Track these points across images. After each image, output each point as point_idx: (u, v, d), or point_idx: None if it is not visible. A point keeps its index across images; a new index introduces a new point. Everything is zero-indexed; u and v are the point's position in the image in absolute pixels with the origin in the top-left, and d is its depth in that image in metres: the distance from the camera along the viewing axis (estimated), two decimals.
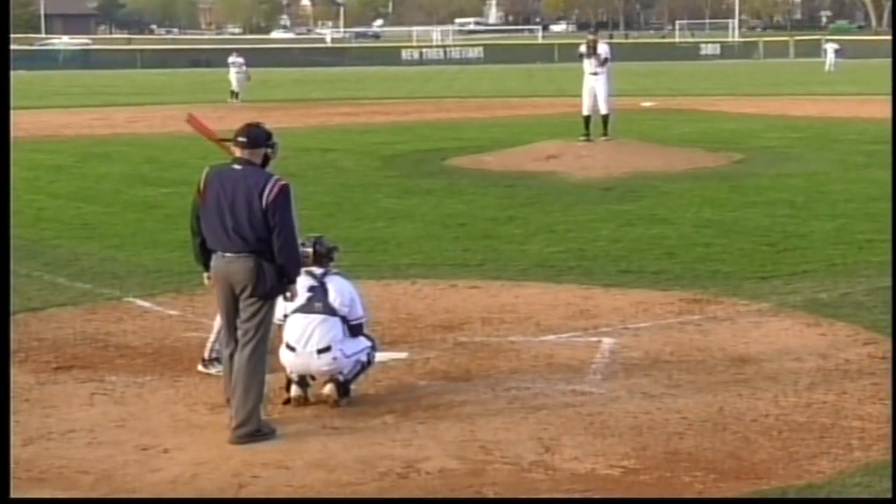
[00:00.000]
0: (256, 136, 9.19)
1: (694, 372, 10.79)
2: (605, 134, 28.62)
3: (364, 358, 9.99)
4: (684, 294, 13.86)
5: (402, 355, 11.35)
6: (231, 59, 52.29)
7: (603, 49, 28.97)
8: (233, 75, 51.51)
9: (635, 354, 11.38)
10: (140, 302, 13.86)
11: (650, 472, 8.42)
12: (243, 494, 8.14)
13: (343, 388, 9.82)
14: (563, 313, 13.05)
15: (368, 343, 10.11)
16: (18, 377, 10.79)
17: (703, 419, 9.48)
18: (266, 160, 9.18)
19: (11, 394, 10.22)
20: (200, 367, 10.80)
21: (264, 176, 9.02)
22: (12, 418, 9.63)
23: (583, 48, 29.19)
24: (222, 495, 8.13)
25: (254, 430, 8.99)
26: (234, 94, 50.82)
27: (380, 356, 10.52)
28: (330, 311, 9.83)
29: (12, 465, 8.59)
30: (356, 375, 9.92)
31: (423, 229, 18.69)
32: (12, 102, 51.63)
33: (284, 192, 8.94)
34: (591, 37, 29.84)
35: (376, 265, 15.67)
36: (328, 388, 9.77)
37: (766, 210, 20.17)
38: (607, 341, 11.83)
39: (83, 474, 8.47)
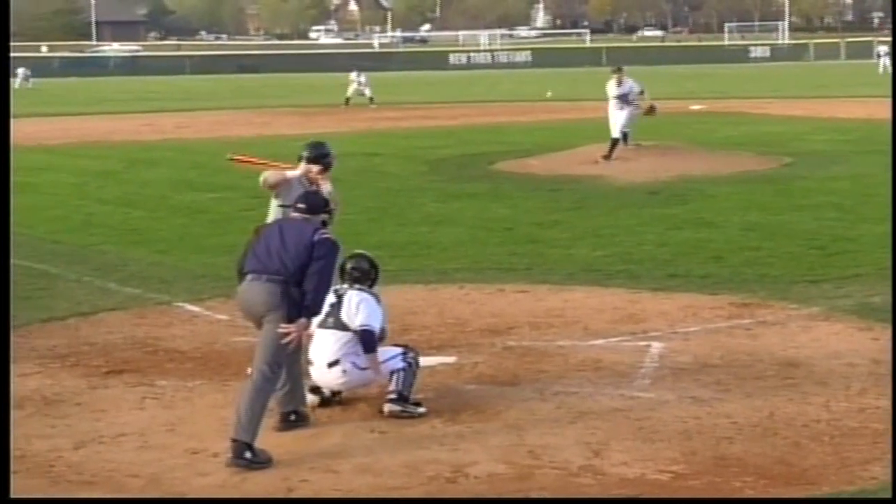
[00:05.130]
0: (315, 204, 9.49)
1: (743, 376, 10.73)
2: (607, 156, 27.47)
3: (400, 365, 9.88)
4: (733, 298, 13.78)
5: (450, 359, 11.35)
6: (352, 76, 52.93)
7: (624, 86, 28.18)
8: (353, 87, 52.22)
9: (684, 359, 11.33)
10: (189, 306, 13.92)
11: (699, 477, 8.39)
12: (291, 498, 8.16)
13: (399, 399, 9.77)
14: (611, 317, 13.01)
15: (398, 350, 10.00)
16: (69, 381, 10.88)
17: (752, 424, 9.43)
18: (324, 225, 9.35)
19: (60, 398, 10.33)
20: None
21: (321, 227, 9.27)
22: (63, 422, 9.73)
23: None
24: (271, 499, 8.16)
25: (247, 447, 8.78)
26: (347, 101, 51.49)
27: (428, 360, 10.52)
28: (341, 326, 9.81)
29: (63, 468, 8.68)
30: (407, 384, 9.83)
31: (469, 234, 18.68)
32: (62, 109, 52.13)
33: (333, 241, 9.16)
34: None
35: (421, 269, 15.68)
36: (387, 409, 9.74)
37: (814, 213, 20.04)
38: (655, 345, 11.78)
39: (133, 478, 8.52)
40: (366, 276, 10.14)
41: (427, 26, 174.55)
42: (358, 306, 9.83)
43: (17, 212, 21.65)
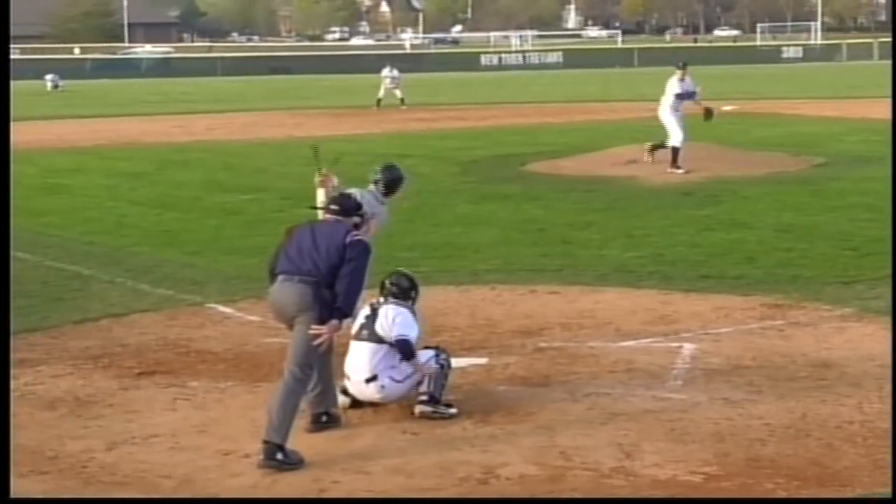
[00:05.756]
0: (348, 206, 9.49)
1: (776, 378, 10.69)
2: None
3: (433, 365, 9.92)
4: (765, 299, 13.73)
5: (482, 360, 11.35)
6: (385, 72, 52.56)
7: (686, 84, 26.79)
8: (384, 86, 51.97)
9: (716, 360, 11.29)
10: (220, 308, 13.96)
11: (732, 478, 8.36)
12: (323, 498, 8.17)
13: (431, 401, 9.77)
14: (643, 318, 12.98)
15: (430, 352, 9.99)
16: (102, 382, 10.93)
17: (785, 425, 9.39)
18: (356, 228, 9.33)
19: (93, 398, 10.39)
20: None
21: (353, 228, 9.28)
22: (96, 422, 9.77)
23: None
24: (302, 499, 8.17)
25: (279, 448, 8.79)
26: (378, 102, 51.30)
27: (459, 361, 10.51)
28: (376, 338, 9.80)
29: (96, 469, 8.72)
30: (438, 385, 9.84)
31: (501, 235, 18.68)
32: (95, 111, 52.26)
33: (366, 243, 9.18)
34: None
35: (454, 271, 15.67)
36: (418, 411, 9.75)
37: (848, 214, 19.94)
38: (687, 347, 11.74)
39: (165, 478, 8.55)
40: (405, 293, 10.10)
41: (458, 27, 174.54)
42: (394, 319, 9.81)
43: (49, 213, 21.84)
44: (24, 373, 11.19)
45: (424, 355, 9.91)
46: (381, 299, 10.03)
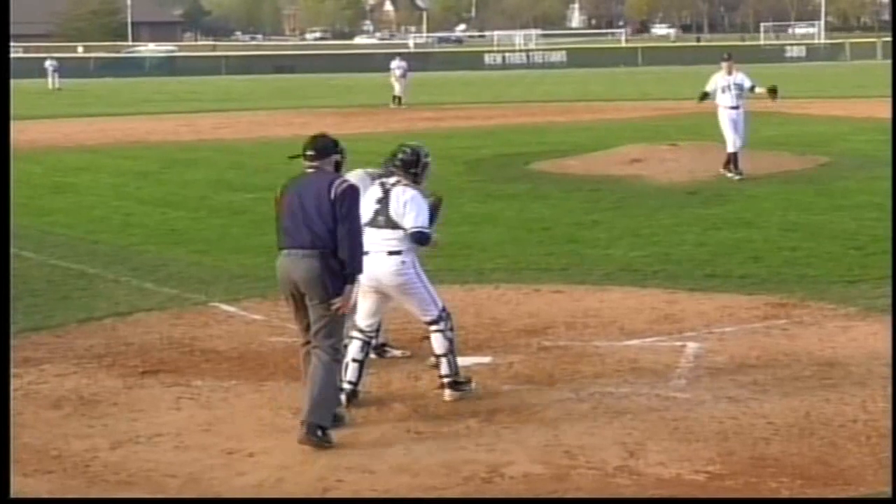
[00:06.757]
0: (324, 146, 9.41)
1: (780, 376, 10.69)
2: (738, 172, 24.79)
3: (442, 348, 9.99)
4: (770, 298, 13.73)
5: (486, 359, 11.35)
6: (394, 65, 52.40)
7: (736, 76, 26.55)
8: (395, 80, 51.78)
9: (720, 359, 11.29)
10: (225, 307, 13.96)
11: (736, 477, 8.36)
12: (328, 497, 8.18)
13: (456, 385, 10.02)
14: (648, 318, 12.97)
15: (439, 303, 10.05)
16: (106, 381, 10.93)
17: (789, 424, 9.39)
18: (338, 167, 9.34)
19: (97, 397, 10.40)
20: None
21: (334, 175, 9.28)
22: (100, 421, 9.78)
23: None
24: (307, 499, 8.18)
25: (320, 427, 8.95)
26: (395, 99, 51.13)
27: (464, 360, 10.52)
28: (392, 224, 9.83)
29: (100, 468, 8.72)
30: (454, 366, 10.02)
31: (507, 234, 18.68)
32: (101, 110, 52.36)
33: (352, 188, 9.18)
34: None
35: (460, 270, 15.66)
36: (448, 396, 9.99)
37: (854, 213, 19.92)
38: (692, 346, 11.74)
39: (170, 478, 8.56)
40: (408, 165, 10.03)
41: (462, 26, 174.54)
42: (406, 205, 9.82)
43: (55, 212, 21.86)
44: (29, 371, 11.21)
45: (433, 297, 10.00)
46: (392, 179, 9.96)
